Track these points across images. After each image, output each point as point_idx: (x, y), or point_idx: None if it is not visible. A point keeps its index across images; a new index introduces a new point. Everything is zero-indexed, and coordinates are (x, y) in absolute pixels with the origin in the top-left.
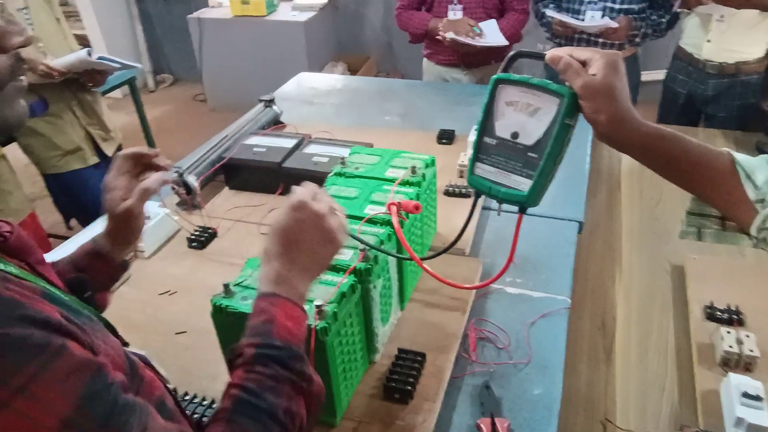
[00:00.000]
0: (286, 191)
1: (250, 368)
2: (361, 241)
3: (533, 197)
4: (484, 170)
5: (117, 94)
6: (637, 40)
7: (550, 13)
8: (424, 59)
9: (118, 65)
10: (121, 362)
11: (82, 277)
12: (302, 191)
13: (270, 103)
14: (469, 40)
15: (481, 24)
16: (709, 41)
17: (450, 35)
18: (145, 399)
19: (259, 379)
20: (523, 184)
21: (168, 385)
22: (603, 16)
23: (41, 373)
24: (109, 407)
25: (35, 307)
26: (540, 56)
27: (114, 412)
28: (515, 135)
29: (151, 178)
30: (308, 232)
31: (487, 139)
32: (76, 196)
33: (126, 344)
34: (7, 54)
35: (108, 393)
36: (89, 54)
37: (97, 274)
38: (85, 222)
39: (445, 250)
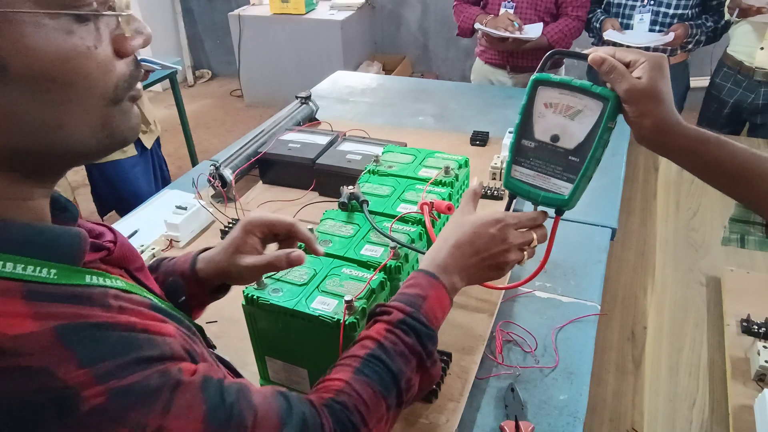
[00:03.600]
0: (319, 187)
1: (393, 329)
2: (392, 239)
3: (573, 201)
4: (522, 173)
5: (158, 87)
6: (690, 47)
7: (607, 36)
8: (476, 58)
9: (158, 66)
10: (215, 365)
11: (177, 281)
12: (513, 216)
13: (306, 99)
14: (494, 31)
15: (528, 26)
16: (762, 48)
17: (477, 26)
18: None
19: (397, 342)
20: (564, 188)
21: None
22: (654, 21)
23: (168, 408)
24: (227, 411)
25: (152, 333)
26: (581, 56)
27: (231, 412)
28: (555, 138)
29: (287, 259)
30: (491, 250)
31: (525, 142)
32: (114, 186)
33: (213, 347)
34: (126, 59)
35: (222, 400)
36: None
37: (192, 297)
38: (122, 212)
39: None
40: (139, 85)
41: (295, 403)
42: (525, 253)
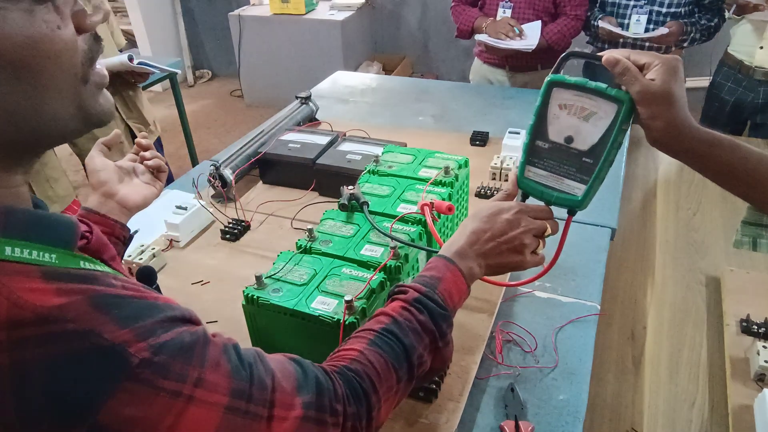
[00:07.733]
0: (318, 187)
1: (407, 307)
2: (393, 237)
3: (586, 202)
4: (535, 174)
5: (158, 88)
6: (685, 44)
7: (602, 24)
8: (475, 58)
9: (156, 70)
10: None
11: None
12: (525, 205)
13: (306, 100)
14: (496, 43)
15: (526, 25)
16: (762, 47)
17: (478, 37)
18: None
19: (410, 319)
20: (577, 189)
21: None
22: (649, 20)
23: (203, 362)
24: (248, 371)
25: (169, 304)
26: (595, 57)
27: (251, 372)
28: (569, 139)
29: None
30: (507, 234)
31: (539, 143)
32: None
33: None
34: (83, 35)
35: (240, 361)
36: (130, 59)
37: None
38: None
39: None
40: (105, 72)
41: (309, 368)
42: (540, 241)
